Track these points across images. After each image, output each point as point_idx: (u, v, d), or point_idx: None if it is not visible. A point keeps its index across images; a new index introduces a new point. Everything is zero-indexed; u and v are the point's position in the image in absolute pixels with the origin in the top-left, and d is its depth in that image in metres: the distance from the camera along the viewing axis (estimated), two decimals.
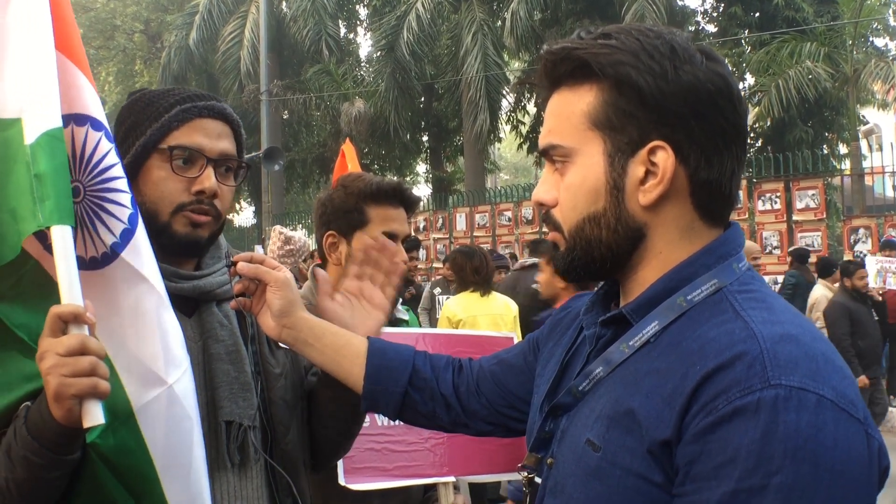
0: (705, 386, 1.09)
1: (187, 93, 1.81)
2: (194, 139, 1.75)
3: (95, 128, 1.60)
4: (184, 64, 25.10)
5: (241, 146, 1.87)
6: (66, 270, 1.45)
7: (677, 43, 1.24)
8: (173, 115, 1.75)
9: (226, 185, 1.81)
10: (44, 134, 1.50)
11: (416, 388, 1.68)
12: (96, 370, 1.40)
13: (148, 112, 1.78)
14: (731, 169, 1.26)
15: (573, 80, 1.29)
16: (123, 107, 1.85)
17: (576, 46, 1.27)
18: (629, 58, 1.22)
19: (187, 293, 1.78)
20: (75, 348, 1.39)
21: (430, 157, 27.95)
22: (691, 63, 1.22)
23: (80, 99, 1.61)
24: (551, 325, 1.63)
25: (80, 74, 1.64)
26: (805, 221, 14.30)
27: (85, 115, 1.61)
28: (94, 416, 1.41)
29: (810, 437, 1.02)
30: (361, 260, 1.87)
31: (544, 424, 1.38)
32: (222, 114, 1.82)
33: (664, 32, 1.26)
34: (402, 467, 2.66)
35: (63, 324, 1.41)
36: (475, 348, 2.96)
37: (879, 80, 16.84)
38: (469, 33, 20.00)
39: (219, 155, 1.78)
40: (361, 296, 1.85)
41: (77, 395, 1.39)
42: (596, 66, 1.24)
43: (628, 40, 1.24)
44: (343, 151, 4.59)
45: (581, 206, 1.29)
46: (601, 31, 1.28)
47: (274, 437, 1.84)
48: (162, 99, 1.79)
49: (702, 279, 1.24)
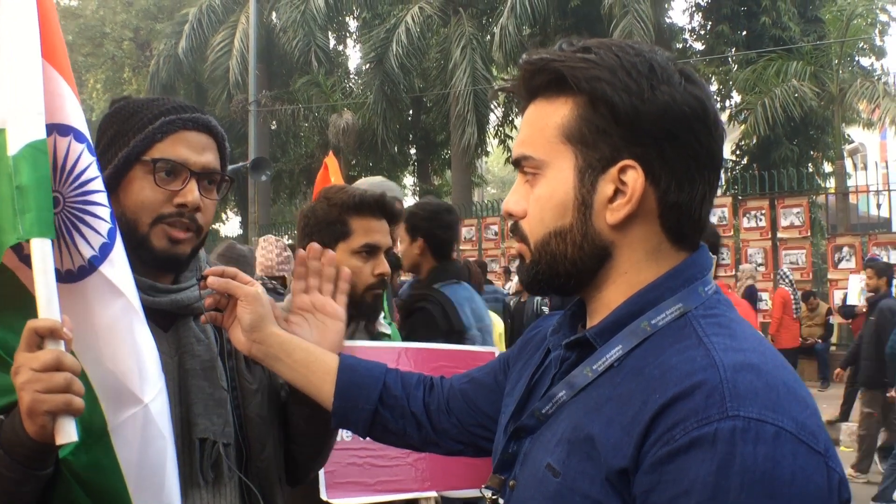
0: (664, 415, 1.08)
1: (172, 104, 1.79)
2: (178, 152, 1.73)
3: (78, 139, 1.59)
4: (172, 73, 25.05)
5: (224, 159, 1.86)
6: (45, 284, 1.44)
7: (657, 62, 1.22)
8: (157, 126, 1.73)
9: (209, 198, 1.79)
10: (27, 145, 1.49)
11: (387, 405, 1.67)
12: (71, 387, 1.38)
13: (132, 122, 1.75)
14: (702, 193, 1.24)
15: (550, 91, 1.27)
16: (106, 115, 1.83)
17: (553, 58, 1.25)
18: (606, 74, 1.20)
19: (164, 307, 1.76)
20: (50, 364, 1.37)
21: (418, 169, 28.00)
22: (669, 84, 1.20)
23: (64, 109, 1.60)
24: (521, 345, 1.61)
25: (64, 84, 1.62)
26: (790, 239, 14.40)
27: (68, 125, 1.59)
28: (67, 433, 1.39)
29: (767, 470, 1.01)
30: (300, 273, 1.83)
31: (508, 446, 1.36)
32: (207, 126, 1.80)
33: (645, 50, 1.24)
34: (384, 482, 2.66)
35: (39, 338, 1.40)
36: (457, 362, 2.95)
37: (865, 100, 16.99)
38: (458, 47, 20.04)
39: (202, 168, 1.76)
40: (315, 309, 1.81)
41: (50, 411, 1.37)
42: (571, 80, 1.22)
43: (607, 56, 1.22)
44: (326, 164, 4.57)
45: (548, 220, 1.27)
46: (582, 45, 1.26)
47: (249, 454, 1.82)
48: (146, 109, 1.77)
49: (666, 303, 1.22)
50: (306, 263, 1.83)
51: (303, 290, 1.82)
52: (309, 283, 1.83)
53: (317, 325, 1.79)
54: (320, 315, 1.81)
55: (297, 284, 1.83)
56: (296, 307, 1.81)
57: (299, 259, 1.83)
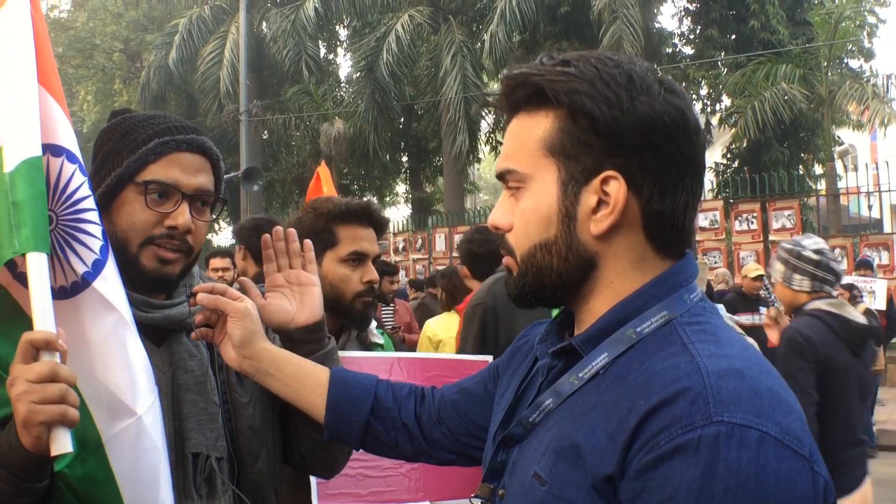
0: (648, 421, 1.08)
1: (168, 123, 1.79)
2: (171, 174, 1.74)
3: (70, 160, 1.60)
4: (163, 84, 25.01)
5: (219, 180, 1.86)
6: (41, 297, 1.45)
7: (636, 73, 1.23)
8: (151, 147, 1.73)
9: (201, 220, 1.80)
10: (23, 162, 1.50)
11: (378, 417, 1.68)
12: (66, 398, 1.39)
13: (126, 142, 1.76)
14: (685, 201, 1.25)
15: (531, 105, 1.28)
16: (104, 129, 1.83)
17: (533, 72, 1.26)
18: (585, 86, 1.21)
19: (157, 323, 1.76)
20: (46, 375, 1.38)
21: (410, 177, 28.01)
22: (648, 94, 1.21)
23: (56, 131, 1.62)
24: (511, 353, 1.62)
25: (56, 106, 1.64)
26: (781, 241, 14.40)
27: (61, 146, 1.61)
28: (62, 444, 1.39)
29: (751, 475, 1.01)
30: (269, 256, 1.91)
31: (496, 455, 1.37)
32: (201, 147, 1.80)
33: (623, 62, 1.25)
34: (376, 493, 2.65)
35: (35, 350, 1.41)
36: (451, 372, 2.95)
37: (854, 101, 17.01)
38: (448, 55, 20.10)
39: (195, 190, 1.77)
40: (289, 283, 1.89)
41: (46, 422, 1.38)
42: (551, 94, 1.23)
43: (586, 68, 1.23)
44: (318, 173, 4.57)
45: (533, 233, 1.28)
46: (561, 58, 1.27)
47: (241, 467, 1.82)
48: (141, 129, 1.77)
49: (651, 311, 1.23)
50: (274, 245, 1.90)
51: (275, 271, 1.90)
52: (279, 262, 1.91)
53: (294, 294, 1.88)
54: (296, 287, 1.89)
55: (268, 267, 1.91)
56: (272, 286, 1.89)
57: (265, 243, 1.91)
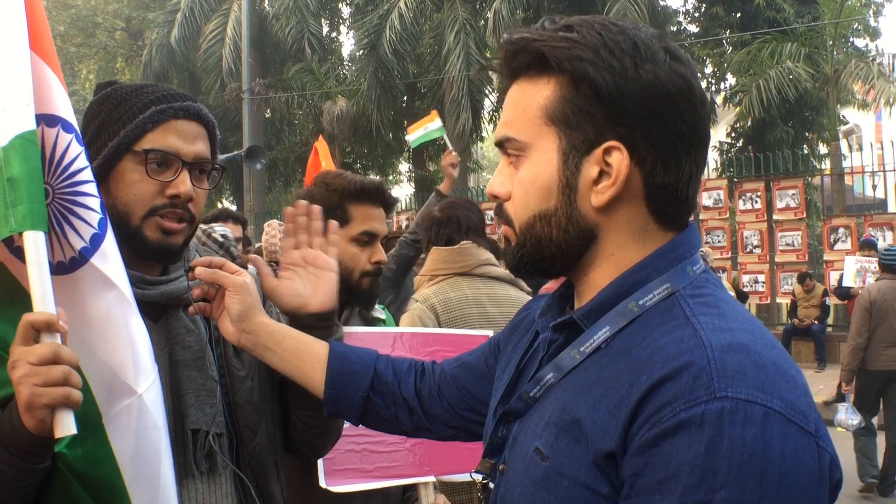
0: (651, 397, 1.06)
1: (161, 91, 1.76)
2: (169, 142, 1.71)
3: (66, 129, 1.56)
4: (165, 62, 24.95)
5: (215, 147, 1.84)
6: (39, 277, 1.42)
7: (640, 40, 1.18)
8: (148, 116, 1.71)
9: (200, 188, 1.78)
10: (17, 136, 1.47)
11: (378, 392, 1.66)
12: (69, 380, 1.37)
13: (120, 111, 1.73)
14: (688, 173, 1.21)
15: (532, 71, 1.24)
16: (92, 102, 1.80)
17: (535, 38, 1.22)
18: (588, 53, 1.17)
19: (154, 299, 1.75)
20: (47, 357, 1.36)
21: (413, 155, 27.91)
22: (653, 62, 1.17)
23: (51, 99, 1.57)
24: (511, 328, 1.59)
25: (50, 73, 1.59)
26: (785, 221, 14.41)
27: (56, 115, 1.56)
28: (66, 426, 1.38)
29: (756, 451, 0.99)
30: (289, 230, 1.85)
31: (497, 430, 1.35)
32: (198, 115, 1.78)
33: (628, 28, 1.20)
34: (382, 468, 2.66)
35: (35, 332, 1.39)
36: (452, 346, 2.94)
37: (860, 81, 16.94)
38: (451, 32, 19.98)
39: (194, 158, 1.75)
40: (306, 263, 1.84)
41: (49, 404, 1.36)
42: (553, 60, 1.19)
43: (590, 34, 1.18)
44: (316, 148, 4.54)
45: (532, 203, 1.24)
46: (564, 23, 1.22)
47: (240, 441, 1.82)
48: (135, 97, 1.74)
49: (654, 283, 1.19)
50: (295, 219, 1.85)
51: (293, 247, 1.85)
52: (299, 238, 1.85)
53: (309, 278, 1.83)
54: (312, 268, 1.83)
55: (286, 242, 1.85)
56: (287, 263, 1.84)
57: (288, 216, 1.85)
